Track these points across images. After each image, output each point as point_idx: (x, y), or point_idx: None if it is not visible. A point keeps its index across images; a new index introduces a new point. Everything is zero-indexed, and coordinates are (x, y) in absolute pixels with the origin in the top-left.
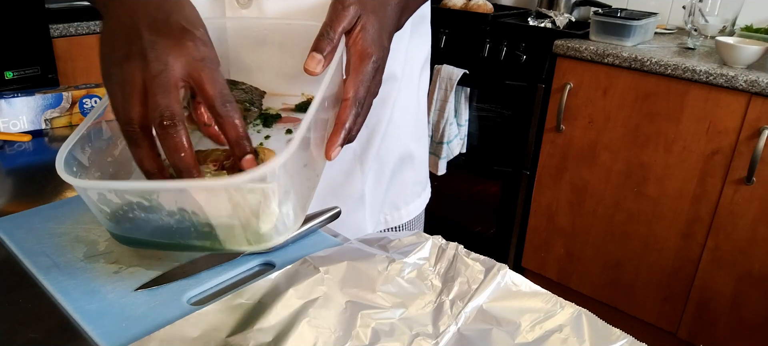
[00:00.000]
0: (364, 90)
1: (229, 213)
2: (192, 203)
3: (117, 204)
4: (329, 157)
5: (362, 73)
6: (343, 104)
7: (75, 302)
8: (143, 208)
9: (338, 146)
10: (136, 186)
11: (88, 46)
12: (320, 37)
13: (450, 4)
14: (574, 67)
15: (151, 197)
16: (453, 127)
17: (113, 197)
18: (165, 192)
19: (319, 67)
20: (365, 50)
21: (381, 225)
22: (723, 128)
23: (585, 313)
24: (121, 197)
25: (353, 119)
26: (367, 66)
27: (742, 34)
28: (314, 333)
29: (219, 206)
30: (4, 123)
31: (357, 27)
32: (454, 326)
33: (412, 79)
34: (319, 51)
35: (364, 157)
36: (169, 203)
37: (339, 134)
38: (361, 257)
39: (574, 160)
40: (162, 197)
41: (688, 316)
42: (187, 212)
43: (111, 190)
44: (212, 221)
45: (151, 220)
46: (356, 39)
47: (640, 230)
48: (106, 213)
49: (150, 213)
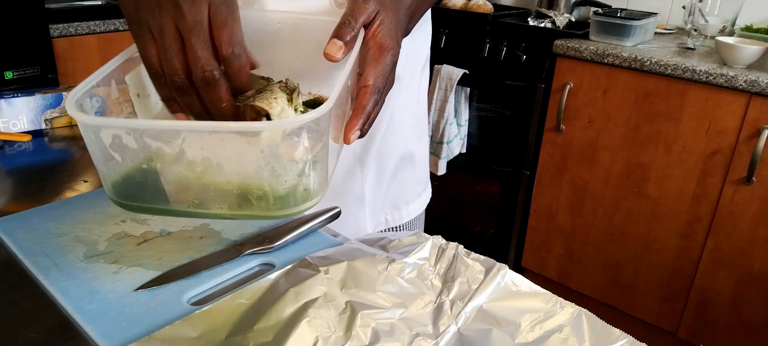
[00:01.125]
0: (383, 81)
1: (257, 167)
2: (220, 152)
3: (132, 151)
4: (348, 140)
5: (382, 64)
6: (362, 91)
7: (75, 302)
8: (162, 157)
9: (358, 130)
10: (162, 125)
11: (88, 46)
12: (342, 25)
13: (450, 4)
14: (574, 67)
15: (175, 142)
16: (453, 127)
17: (130, 142)
18: (192, 135)
19: (340, 53)
20: (384, 43)
21: (381, 225)
22: (723, 128)
23: (585, 313)
24: (140, 141)
25: (372, 106)
26: (386, 58)
27: (742, 34)
28: (314, 333)
29: (249, 157)
30: (4, 123)
31: (376, 21)
32: (454, 326)
33: (412, 79)
34: (340, 38)
35: (364, 156)
36: (195, 150)
37: (359, 118)
38: (361, 257)
39: (574, 160)
40: (188, 142)
41: (688, 316)
42: (211, 162)
43: (130, 129)
44: (237, 175)
45: (167, 173)
46: (375, 32)
47: (640, 230)
48: (116, 165)
49: (169, 165)
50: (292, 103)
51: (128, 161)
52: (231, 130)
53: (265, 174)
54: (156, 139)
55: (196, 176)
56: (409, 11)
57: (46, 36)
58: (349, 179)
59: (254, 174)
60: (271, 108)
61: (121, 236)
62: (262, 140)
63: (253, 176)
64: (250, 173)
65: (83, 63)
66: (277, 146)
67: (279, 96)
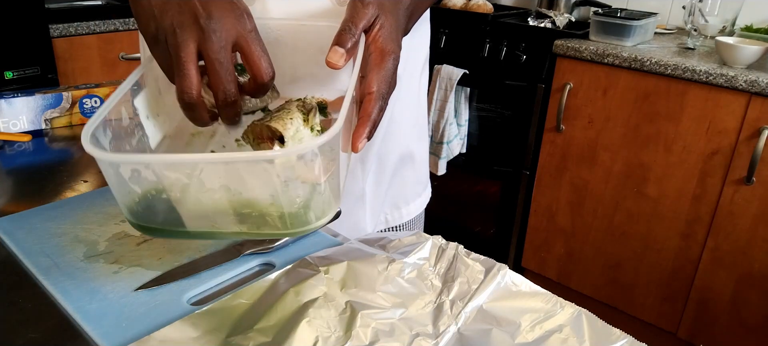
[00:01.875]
0: (386, 86)
1: (272, 191)
2: (237, 179)
3: (150, 184)
4: (356, 149)
5: (384, 69)
6: (367, 98)
7: (75, 302)
8: (182, 188)
9: (365, 138)
10: (181, 159)
11: (88, 46)
12: (342, 31)
13: (450, 4)
14: (574, 67)
15: (194, 173)
16: (453, 127)
17: (149, 175)
18: (209, 166)
19: (341, 60)
20: (385, 48)
21: (381, 224)
22: (723, 128)
23: (585, 313)
24: (159, 173)
25: (377, 113)
26: (388, 63)
27: (742, 34)
28: (314, 333)
29: (264, 182)
30: (4, 123)
31: (376, 25)
32: (454, 326)
33: (412, 79)
34: (341, 45)
35: (365, 156)
36: (212, 179)
37: (365, 126)
38: (361, 257)
39: (574, 161)
40: (205, 172)
41: (688, 316)
42: (229, 189)
43: (149, 164)
44: (254, 199)
45: (185, 202)
46: (376, 37)
47: (640, 230)
48: (135, 196)
49: (186, 194)
50: (308, 123)
51: (146, 191)
52: (244, 160)
53: (280, 197)
54: (174, 171)
55: (214, 203)
56: (407, 11)
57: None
58: (349, 178)
59: (270, 197)
60: (286, 129)
61: (121, 236)
62: (277, 166)
63: (269, 199)
64: (265, 197)
65: (83, 63)
66: (292, 169)
67: (295, 116)
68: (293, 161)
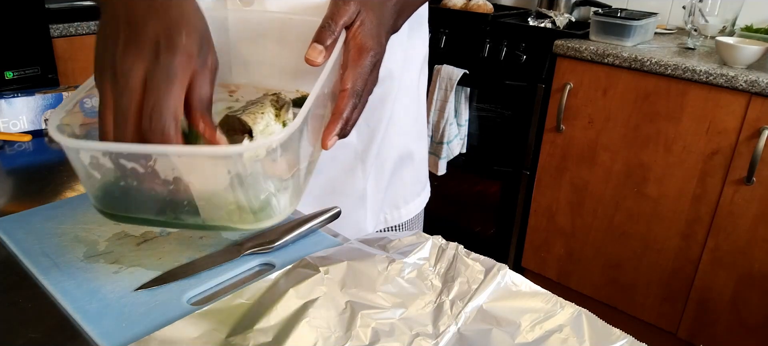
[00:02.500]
0: (362, 83)
1: (225, 185)
2: (190, 171)
3: (109, 170)
4: (325, 146)
5: (360, 67)
6: (340, 95)
7: (75, 302)
8: (137, 175)
9: (335, 136)
10: (132, 148)
11: (88, 46)
12: (322, 29)
13: (450, 4)
14: (574, 67)
15: (148, 163)
16: (453, 127)
17: (106, 162)
18: (163, 158)
19: (320, 57)
20: (364, 45)
21: (381, 224)
22: (723, 128)
23: (585, 313)
24: (115, 162)
25: (350, 110)
26: (365, 60)
27: (742, 34)
28: (314, 333)
29: (217, 178)
30: (4, 123)
31: (357, 22)
32: (454, 326)
33: (411, 79)
34: (320, 42)
35: (365, 155)
36: (166, 170)
37: (336, 123)
38: (361, 257)
39: (574, 161)
40: (159, 163)
41: (688, 316)
42: (182, 181)
43: (105, 152)
44: (207, 194)
45: (143, 190)
46: (355, 33)
47: (640, 230)
48: (95, 181)
49: (143, 183)
50: (279, 118)
51: (107, 178)
52: (197, 154)
53: (235, 191)
54: (130, 160)
55: (169, 193)
56: (395, 8)
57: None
58: (350, 178)
59: (223, 191)
60: (255, 123)
61: (121, 236)
62: (228, 161)
63: (222, 193)
64: (219, 190)
65: (83, 63)
66: (247, 165)
67: (267, 110)
68: (245, 157)
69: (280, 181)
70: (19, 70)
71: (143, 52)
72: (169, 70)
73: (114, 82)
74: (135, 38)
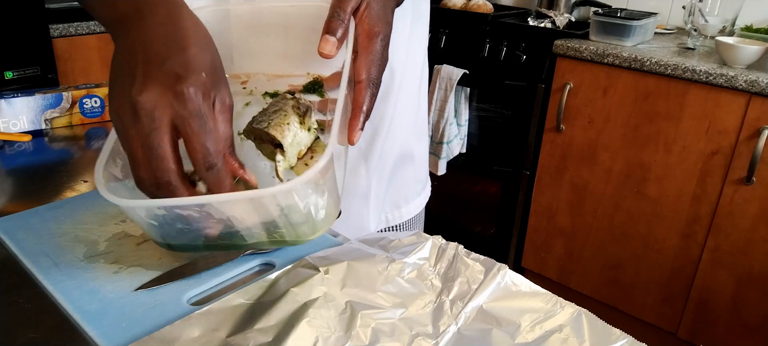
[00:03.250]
0: (376, 69)
1: (274, 216)
2: (239, 211)
3: (167, 216)
4: (352, 142)
5: (372, 53)
6: (357, 87)
7: (75, 302)
8: (194, 218)
9: (359, 130)
10: (186, 202)
11: (88, 46)
12: (331, 18)
13: (450, 4)
14: (574, 67)
15: (201, 209)
16: (453, 127)
17: (162, 212)
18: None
19: (333, 49)
20: (372, 29)
21: (382, 224)
22: (723, 128)
23: (585, 313)
24: (170, 211)
25: (370, 100)
26: (375, 45)
27: (742, 34)
28: (314, 333)
29: (264, 210)
30: (4, 123)
31: (362, 5)
32: (454, 326)
33: (413, 78)
34: (331, 33)
35: (368, 154)
36: (218, 213)
37: (358, 118)
38: (361, 257)
39: (574, 160)
40: (211, 207)
41: (688, 316)
42: (235, 218)
43: (160, 207)
44: (258, 223)
45: (199, 229)
46: (362, 18)
47: (640, 230)
48: (154, 226)
49: (198, 223)
50: (304, 124)
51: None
52: (242, 199)
53: (283, 217)
54: (183, 209)
55: (225, 227)
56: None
57: (46, 36)
58: (353, 177)
59: (273, 220)
60: (284, 137)
61: (121, 236)
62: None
63: (272, 222)
64: (268, 220)
65: (83, 63)
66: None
67: (292, 120)
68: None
69: (319, 189)
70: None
71: (166, 90)
72: (201, 114)
73: (135, 119)
74: (155, 75)
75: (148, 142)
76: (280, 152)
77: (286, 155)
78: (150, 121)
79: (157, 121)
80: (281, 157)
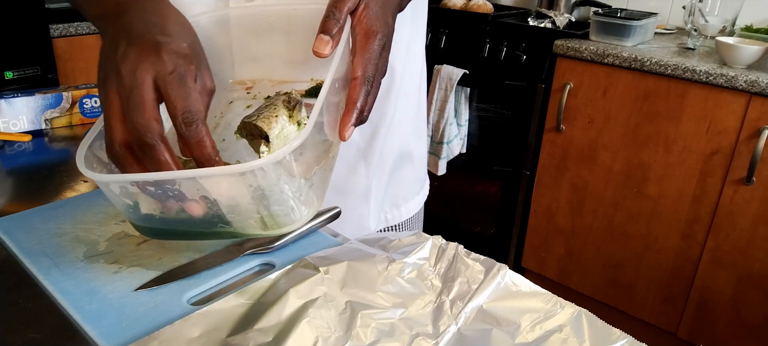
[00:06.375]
0: (372, 68)
1: (248, 199)
2: (214, 190)
3: (141, 196)
4: (343, 137)
5: (369, 52)
6: (352, 84)
7: (75, 302)
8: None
9: (351, 126)
10: (158, 176)
11: (88, 46)
12: (326, 18)
13: (450, 4)
14: (574, 67)
15: (173, 187)
16: (453, 127)
17: (135, 189)
18: (185, 181)
19: (327, 48)
20: (370, 28)
21: (382, 223)
22: (723, 128)
23: (585, 313)
24: (143, 188)
25: (364, 98)
26: (373, 44)
27: (742, 34)
28: (314, 333)
29: (239, 192)
30: (4, 123)
31: (361, 6)
32: (454, 326)
33: (413, 77)
34: (326, 32)
35: (368, 153)
36: (191, 191)
37: (351, 114)
38: (361, 257)
39: (574, 160)
40: (184, 185)
41: (688, 316)
42: (209, 199)
43: (133, 182)
44: (233, 207)
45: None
46: (361, 17)
47: (640, 230)
48: (129, 206)
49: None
50: (293, 118)
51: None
52: (218, 174)
53: (260, 201)
54: (156, 186)
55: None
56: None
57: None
58: (353, 176)
59: (250, 203)
60: (270, 129)
61: (121, 236)
62: (247, 176)
63: (248, 205)
64: (245, 203)
65: (83, 63)
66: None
67: (280, 113)
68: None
69: (303, 181)
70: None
71: (148, 52)
72: (181, 74)
73: (119, 83)
74: (136, 43)
75: (129, 100)
76: (265, 144)
77: (271, 147)
78: (132, 79)
79: (138, 79)
80: (265, 148)
